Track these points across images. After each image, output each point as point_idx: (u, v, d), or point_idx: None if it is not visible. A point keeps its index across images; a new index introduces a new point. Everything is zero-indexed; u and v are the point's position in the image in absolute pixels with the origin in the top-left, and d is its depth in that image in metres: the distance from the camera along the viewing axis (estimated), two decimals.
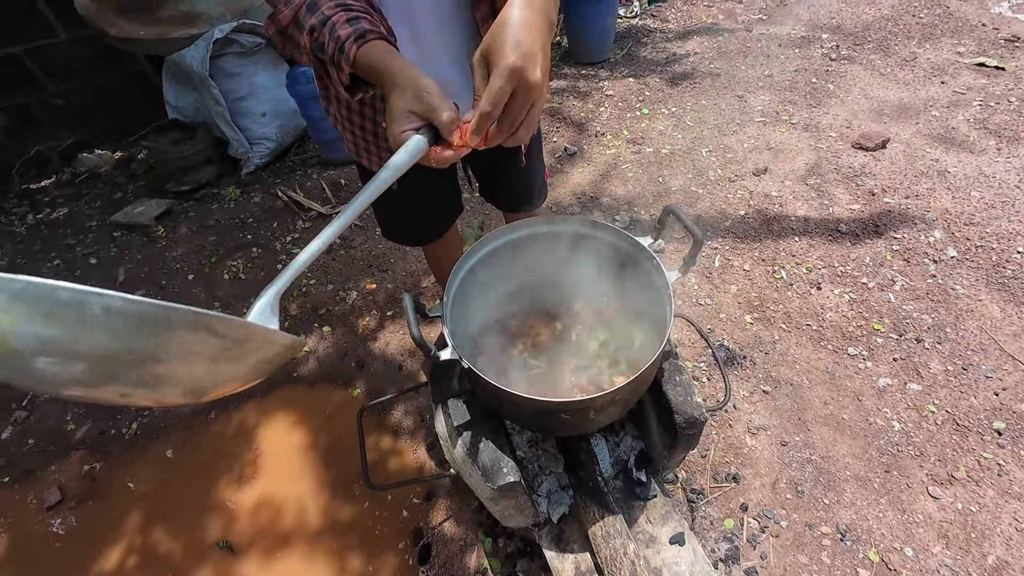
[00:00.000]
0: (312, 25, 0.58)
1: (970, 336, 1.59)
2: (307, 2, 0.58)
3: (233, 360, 0.39)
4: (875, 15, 3.27)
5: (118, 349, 0.33)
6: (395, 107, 0.54)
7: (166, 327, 0.33)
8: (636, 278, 0.84)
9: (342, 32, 0.56)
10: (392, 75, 0.55)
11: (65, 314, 0.31)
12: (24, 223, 2.52)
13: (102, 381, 0.34)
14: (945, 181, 2.08)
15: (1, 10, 2.51)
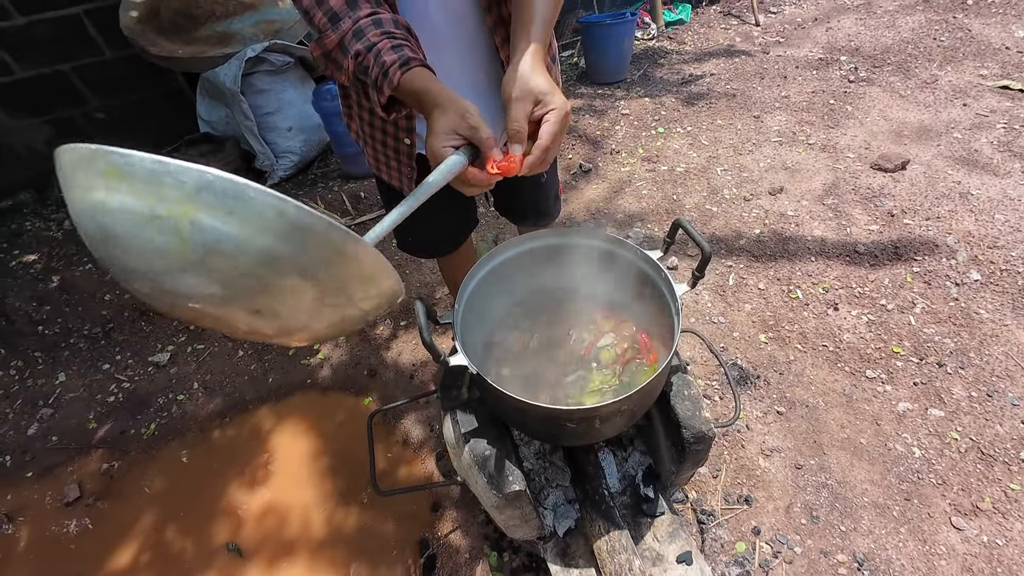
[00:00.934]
0: (358, 50, 0.62)
1: (995, 362, 1.54)
2: (353, 29, 0.63)
3: (338, 299, 0.40)
4: (895, 38, 3.26)
5: (271, 259, 0.34)
6: (438, 124, 0.58)
7: (325, 242, 0.36)
8: (645, 291, 0.85)
9: (387, 58, 0.61)
10: (435, 97, 0.60)
11: (246, 213, 0.32)
12: (61, 228, 2.65)
13: (224, 302, 0.36)
14: (968, 204, 2.04)
15: (55, 32, 2.69)
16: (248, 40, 2.53)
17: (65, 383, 1.95)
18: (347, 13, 0.63)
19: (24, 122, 2.90)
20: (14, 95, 2.79)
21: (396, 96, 0.64)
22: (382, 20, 0.64)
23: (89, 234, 0.35)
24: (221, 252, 0.33)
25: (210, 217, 0.32)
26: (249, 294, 0.36)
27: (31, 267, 2.38)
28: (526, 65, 0.60)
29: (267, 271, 0.35)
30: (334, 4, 0.63)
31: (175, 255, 0.33)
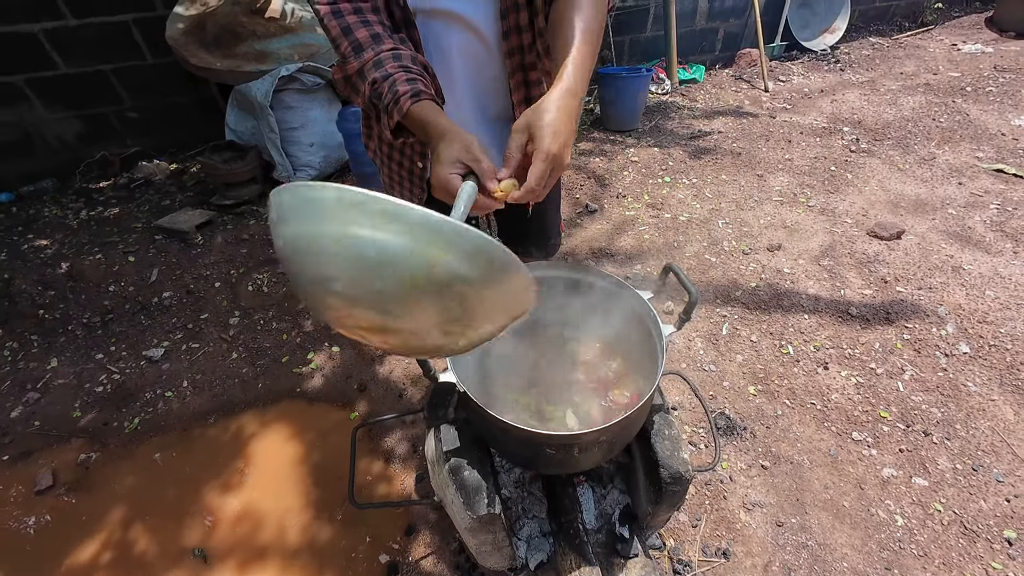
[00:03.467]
0: (375, 78, 0.69)
1: (981, 436, 1.55)
2: (374, 60, 0.69)
3: (491, 309, 0.47)
4: (896, 115, 3.42)
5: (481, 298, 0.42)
6: (443, 154, 0.63)
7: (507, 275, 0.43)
8: (633, 328, 0.88)
9: (400, 88, 0.67)
10: (441, 129, 0.65)
11: (476, 257, 0.40)
12: (77, 218, 2.72)
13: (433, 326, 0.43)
14: (959, 277, 2.09)
15: (102, 35, 2.85)
16: (283, 60, 2.67)
17: (56, 369, 1.96)
18: (371, 45, 0.70)
19: (59, 115, 3.03)
20: (54, 89, 2.93)
21: (404, 123, 0.69)
22: (401, 55, 0.70)
23: (321, 251, 0.41)
24: (408, 269, 0.40)
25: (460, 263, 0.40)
26: (424, 306, 0.42)
27: (42, 251, 2.43)
28: (548, 100, 0.63)
29: (444, 284, 0.41)
30: (360, 36, 0.70)
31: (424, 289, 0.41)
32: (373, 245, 0.38)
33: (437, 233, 0.39)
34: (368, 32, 0.70)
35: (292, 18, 2.80)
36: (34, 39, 2.77)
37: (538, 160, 0.61)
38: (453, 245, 0.39)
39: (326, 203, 0.39)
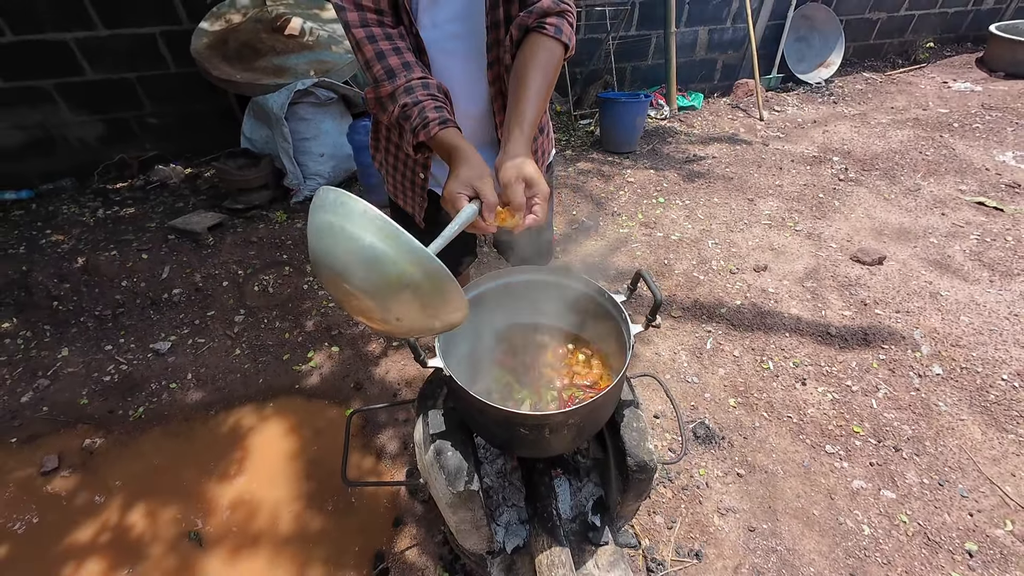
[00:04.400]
0: (405, 102, 0.79)
1: (949, 453, 1.61)
2: (405, 86, 0.80)
3: (430, 316, 0.63)
4: (884, 147, 3.55)
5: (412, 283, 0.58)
6: (461, 175, 0.74)
7: (443, 284, 0.59)
8: (607, 327, 0.97)
9: (430, 115, 0.78)
10: (466, 155, 0.76)
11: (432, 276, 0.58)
12: (94, 216, 2.83)
13: (373, 297, 0.59)
14: (936, 303, 2.18)
15: (130, 45, 3.02)
16: (300, 74, 2.82)
17: (67, 358, 2.04)
18: (402, 72, 0.80)
19: (82, 118, 3.18)
20: (80, 94, 3.09)
21: (429, 144, 0.81)
22: (429, 84, 0.81)
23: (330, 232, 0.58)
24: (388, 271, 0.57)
25: (365, 235, 0.56)
26: (390, 298, 0.59)
27: (59, 246, 2.53)
28: (519, 156, 0.76)
29: (406, 288, 0.58)
30: (392, 63, 0.81)
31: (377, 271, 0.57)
32: (372, 248, 0.55)
33: (414, 254, 0.56)
34: (400, 60, 0.81)
35: (310, 36, 2.96)
36: (65, 47, 2.93)
37: (542, 199, 0.76)
38: (420, 265, 0.57)
39: (354, 209, 0.56)
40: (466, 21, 0.87)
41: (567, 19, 0.84)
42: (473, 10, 0.86)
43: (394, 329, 0.64)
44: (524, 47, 0.83)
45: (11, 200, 3.06)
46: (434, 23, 0.86)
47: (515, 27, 0.83)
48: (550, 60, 0.82)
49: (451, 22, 0.86)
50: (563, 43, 0.83)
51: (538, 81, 0.80)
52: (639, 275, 0.89)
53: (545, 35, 0.82)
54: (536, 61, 0.81)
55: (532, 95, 0.79)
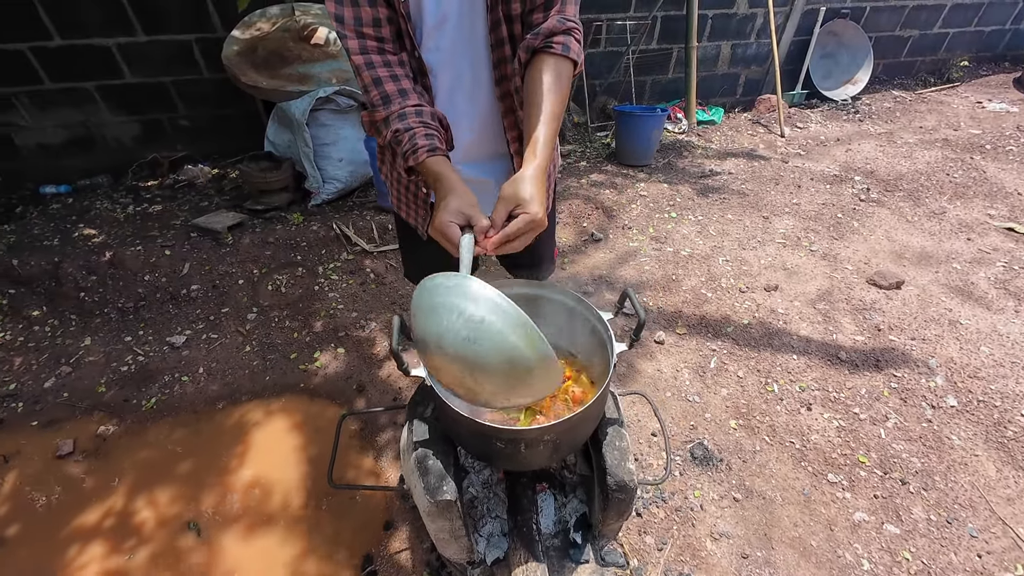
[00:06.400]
0: (397, 128, 0.82)
1: (959, 490, 1.55)
2: (399, 112, 0.83)
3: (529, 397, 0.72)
4: (909, 168, 3.45)
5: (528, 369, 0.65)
6: (450, 205, 0.76)
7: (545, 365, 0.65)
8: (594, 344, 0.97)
9: (419, 142, 0.81)
10: (451, 184, 0.79)
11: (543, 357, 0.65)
12: (124, 212, 2.97)
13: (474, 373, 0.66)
14: (955, 331, 2.10)
15: (167, 51, 3.18)
16: (322, 82, 2.92)
17: (89, 347, 2.14)
18: (397, 99, 0.83)
19: (120, 118, 3.35)
20: (119, 96, 3.26)
21: (417, 170, 0.84)
22: (423, 111, 0.84)
23: (434, 315, 0.65)
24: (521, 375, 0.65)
25: (513, 337, 0.63)
26: (510, 390, 0.67)
27: (90, 240, 2.66)
28: (524, 177, 0.77)
29: (517, 365, 0.64)
30: (388, 89, 0.84)
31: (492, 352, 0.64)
32: (519, 351, 0.63)
33: (550, 363, 0.64)
34: (396, 87, 0.84)
35: (334, 45, 3.06)
36: (108, 51, 3.10)
37: (522, 219, 0.75)
38: (550, 370, 0.65)
39: (509, 312, 0.62)
40: (470, 42, 0.89)
41: (574, 36, 0.84)
42: (476, 31, 0.88)
43: (475, 401, 0.71)
44: (532, 69, 0.84)
45: (51, 194, 3.24)
46: (438, 46, 0.89)
47: (523, 49, 0.85)
48: (559, 79, 0.83)
49: (453, 45, 0.89)
50: (571, 60, 0.84)
51: (548, 102, 0.81)
52: (624, 295, 0.90)
53: (553, 54, 0.83)
54: (546, 82, 0.82)
55: (544, 117, 0.80)
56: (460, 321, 0.62)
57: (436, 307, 0.64)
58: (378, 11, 0.82)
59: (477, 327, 0.61)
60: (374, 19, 0.82)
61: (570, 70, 0.85)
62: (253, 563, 1.43)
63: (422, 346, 0.67)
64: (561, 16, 0.83)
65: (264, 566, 1.42)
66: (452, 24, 0.87)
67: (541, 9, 0.83)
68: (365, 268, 2.57)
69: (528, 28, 0.86)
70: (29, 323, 2.24)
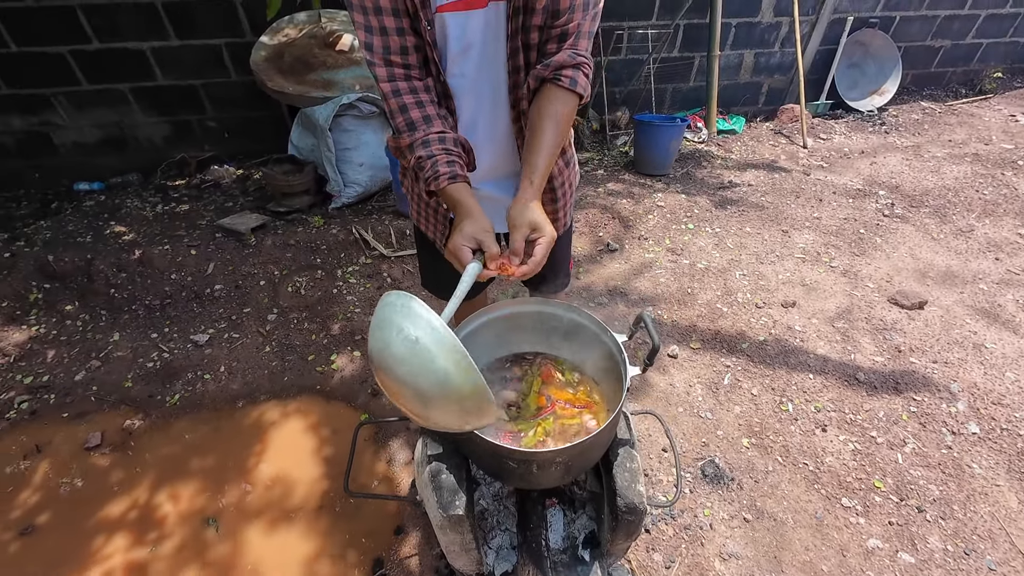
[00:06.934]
0: (420, 155, 0.86)
1: (979, 520, 1.51)
2: (423, 139, 0.87)
3: (463, 423, 0.72)
4: (936, 183, 3.37)
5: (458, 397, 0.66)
6: (465, 229, 0.82)
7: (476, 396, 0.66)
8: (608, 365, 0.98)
9: (441, 169, 0.85)
10: (468, 209, 0.84)
11: (461, 366, 0.65)
12: (153, 211, 3.07)
13: (412, 391, 0.66)
14: (980, 355, 2.05)
15: (198, 55, 3.28)
16: (346, 89, 2.98)
17: (117, 342, 2.22)
18: (422, 126, 0.87)
19: (151, 119, 3.46)
20: (151, 97, 3.37)
21: (438, 194, 0.88)
22: (446, 138, 0.87)
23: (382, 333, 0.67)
24: (450, 393, 0.66)
25: (442, 359, 0.64)
26: (440, 407, 0.67)
27: (120, 238, 2.76)
28: (528, 204, 0.83)
29: (446, 390, 0.65)
30: (413, 116, 0.87)
31: (415, 363, 0.64)
32: (445, 372, 0.63)
33: (476, 385, 0.65)
34: (421, 113, 0.88)
35: (358, 52, 3.12)
36: (142, 54, 3.22)
37: (544, 244, 0.82)
38: (478, 393, 0.65)
39: (441, 334, 0.63)
40: (491, 68, 0.92)
41: (583, 71, 0.87)
42: (497, 58, 0.91)
43: (424, 423, 0.73)
44: (540, 98, 0.88)
45: (85, 191, 3.37)
46: (462, 72, 0.92)
47: (532, 78, 0.88)
48: (563, 110, 0.87)
49: (477, 71, 0.92)
50: (578, 94, 0.88)
51: (549, 133, 0.85)
52: (640, 319, 0.91)
53: (560, 87, 0.86)
54: (550, 113, 0.86)
55: (544, 147, 0.85)
56: (398, 339, 0.63)
57: (381, 323, 0.66)
58: (406, 40, 0.85)
59: (412, 347, 0.62)
60: (402, 47, 0.85)
61: (575, 103, 0.88)
62: (268, 560, 1.47)
63: (370, 361, 0.70)
64: (573, 51, 0.85)
65: (279, 563, 1.46)
66: (476, 51, 0.89)
67: (555, 41, 0.86)
68: (382, 272, 2.62)
69: (541, 57, 0.89)
70: (62, 317, 2.34)
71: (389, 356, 0.64)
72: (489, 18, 0.86)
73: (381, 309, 0.67)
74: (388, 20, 0.82)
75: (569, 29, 0.85)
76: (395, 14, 0.82)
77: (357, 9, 0.82)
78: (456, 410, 0.67)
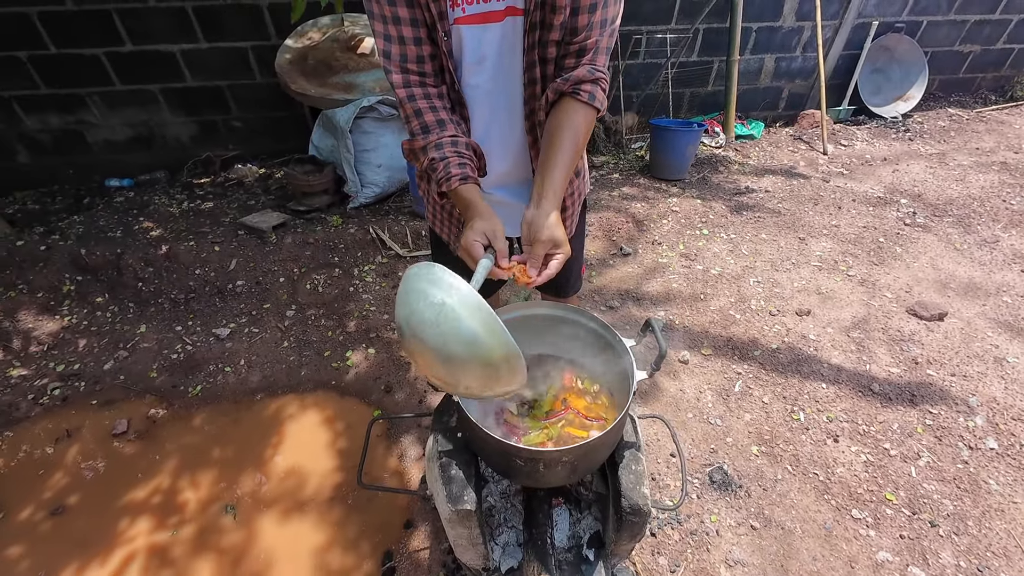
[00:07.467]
0: (433, 157, 0.90)
1: (994, 537, 1.49)
2: (436, 142, 0.90)
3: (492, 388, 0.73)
4: (961, 192, 3.29)
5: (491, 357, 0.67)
6: (476, 226, 0.84)
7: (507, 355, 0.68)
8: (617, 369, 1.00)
9: (453, 171, 0.88)
10: (479, 210, 0.86)
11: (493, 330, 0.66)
12: (179, 207, 3.18)
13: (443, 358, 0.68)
14: (1001, 369, 2.00)
15: (225, 57, 3.39)
16: (367, 91, 3.04)
17: (144, 334, 2.31)
18: (436, 129, 0.90)
19: (180, 119, 3.58)
20: (179, 98, 3.49)
21: (449, 195, 0.91)
22: (458, 142, 0.90)
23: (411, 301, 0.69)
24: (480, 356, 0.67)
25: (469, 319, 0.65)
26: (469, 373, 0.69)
27: (148, 233, 2.87)
28: (550, 218, 0.84)
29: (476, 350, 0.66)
30: (428, 120, 0.90)
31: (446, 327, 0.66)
32: (473, 333, 0.64)
33: (507, 347, 0.66)
34: (435, 117, 0.91)
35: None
36: (172, 56, 3.33)
37: (560, 259, 0.85)
38: (509, 355, 0.66)
39: (468, 296, 0.65)
40: (506, 80, 0.95)
41: (600, 85, 0.89)
42: (513, 70, 0.94)
43: (455, 392, 0.74)
44: (558, 110, 0.90)
45: (115, 187, 3.51)
46: (477, 83, 0.95)
47: (551, 91, 0.90)
48: (581, 124, 0.88)
49: (492, 81, 0.95)
50: (595, 108, 0.90)
51: (568, 145, 0.87)
52: (648, 324, 0.92)
53: (579, 101, 0.88)
54: (568, 126, 0.87)
55: (563, 161, 0.86)
56: (424, 304, 0.64)
57: (408, 292, 0.67)
58: (422, 49, 0.88)
59: (439, 310, 0.63)
60: (418, 56, 0.89)
61: (592, 117, 0.90)
62: (283, 547, 1.52)
63: (399, 332, 0.70)
64: (592, 66, 0.88)
65: (292, 551, 1.51)
66: (491, 63, 0.92)
67: (574, 56, 0.88)
68: (398, 272, 2.67)
69: (560, 70, 0.91)
70: (93, 308, 2.44)
71: (417, 322, 0.65)
72: (506, 31, 0.89)
73: (407, 280, 0.68)
74: (406, 30, 0.86)
75: (587, 45, 0.87)
76: (413, 24, 0.86)
77: (377, 18, 0.86)
78: (487, 373, 0.67)
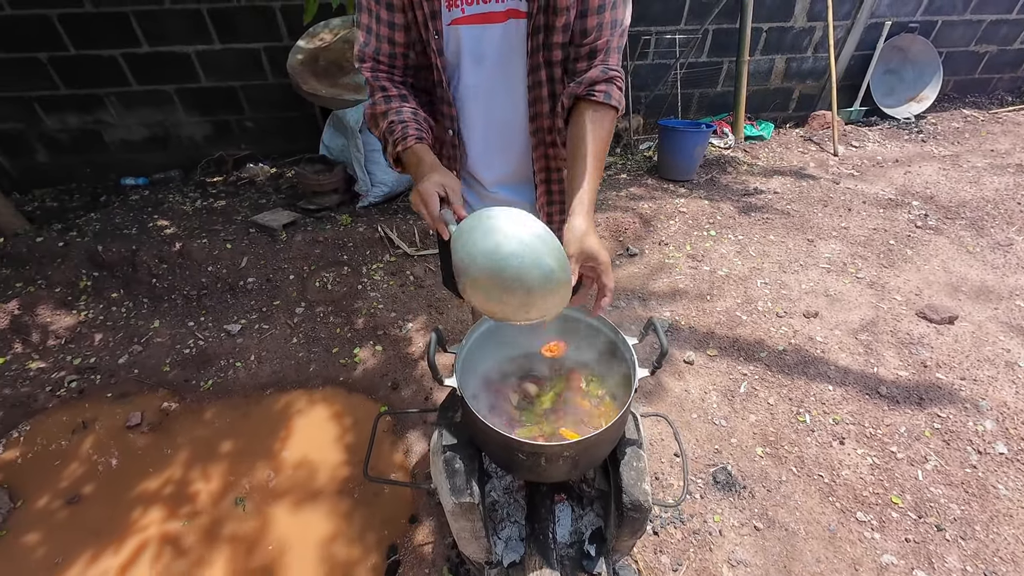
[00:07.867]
0: (392, 120, 0.92)
1: (1001, 542, 1.47)
2: (397, 108, 0.92)
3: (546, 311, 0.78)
4: (975, 194, 3.25)
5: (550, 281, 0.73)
6: (433, 178, 0.83)
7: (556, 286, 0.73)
8: (619, 367, 1.01)
9: (410, 131, 0.90)
10: (434, 165, 0.87)
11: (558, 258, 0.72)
12: (193, 206, 3.24)
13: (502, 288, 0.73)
14: (1012, 373, 1.98)
15: (238, 58, 3.44)
16: None
17: (157, 329, 2.36)
18: (397, 100, 0.93)
19: (194, 119, 3.65)
20: (194, 98, 3.55)
21: (404, 157, 0.91)
22: (418, 113, 0.94)
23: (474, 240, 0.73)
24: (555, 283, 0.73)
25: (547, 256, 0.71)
26: (541, 300, 0.75)
27: (162, 231, 2.93)
28: (578, 230, 0.81)
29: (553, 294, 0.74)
30: (391, 93, 0.94)
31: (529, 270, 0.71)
32: (549, 267, 0.71)
33: (559, 253, 0.71)
34: (398, 91, 0.95)
35: None
36: (187, 57, 3.40)
37: (607, 273, 0.81)
38: (563, 268, 0.72)
39: (541, 231, 0.70)
40: (507, 81, 0.96)
41: (615, 84, 0.89)
42: (514, 72, 0.95)
43: (518, 319, 0.78)
44: (577, 115, 0.89)
45: (131, 185, 3.58)
46: (475, 82, 0.96)
47: (566, 96, 0.91)
48: (602, 126, 0.88)
49: (491, 81, 0.96)
50: (613, 107, 0.89)
51: (593, 152, 0.86)
52: (649, 323, 0.94)
53: (595, 102, 0.88)
54: (590, 129, 0.86)
55: (589, 169, 0.85)
56: (510, 240, 0.70)
57: (491, 229, 0.71)
58: (395, 49, 0.93)
59: (526, 245, 0.70)
60: (391, 54, 0.94)
61: (612, 116, 0.90)
62: (291, 538, 1.55)
63: (468, 263, 0.73)
64: (604, 66, 0.88)
65: (300, 542, 1.54)
66: (490, 63, 0.94)
67: (585, 59, 0.89)
68: (405, 271, 2.70)
69: (572, 75, 0.92)
70: (108, 304, 2.50)
71: (502, 253, 0.70)
72: (507, 32, 0.90)
73: (487, 217, 0.72)
74: (384, 30, 0.90)
75: (598, 46, 0.88)
76: (392, 27, 0.90)
77: (364, 11, 0.91)
78: (546, 299, 0.73)
